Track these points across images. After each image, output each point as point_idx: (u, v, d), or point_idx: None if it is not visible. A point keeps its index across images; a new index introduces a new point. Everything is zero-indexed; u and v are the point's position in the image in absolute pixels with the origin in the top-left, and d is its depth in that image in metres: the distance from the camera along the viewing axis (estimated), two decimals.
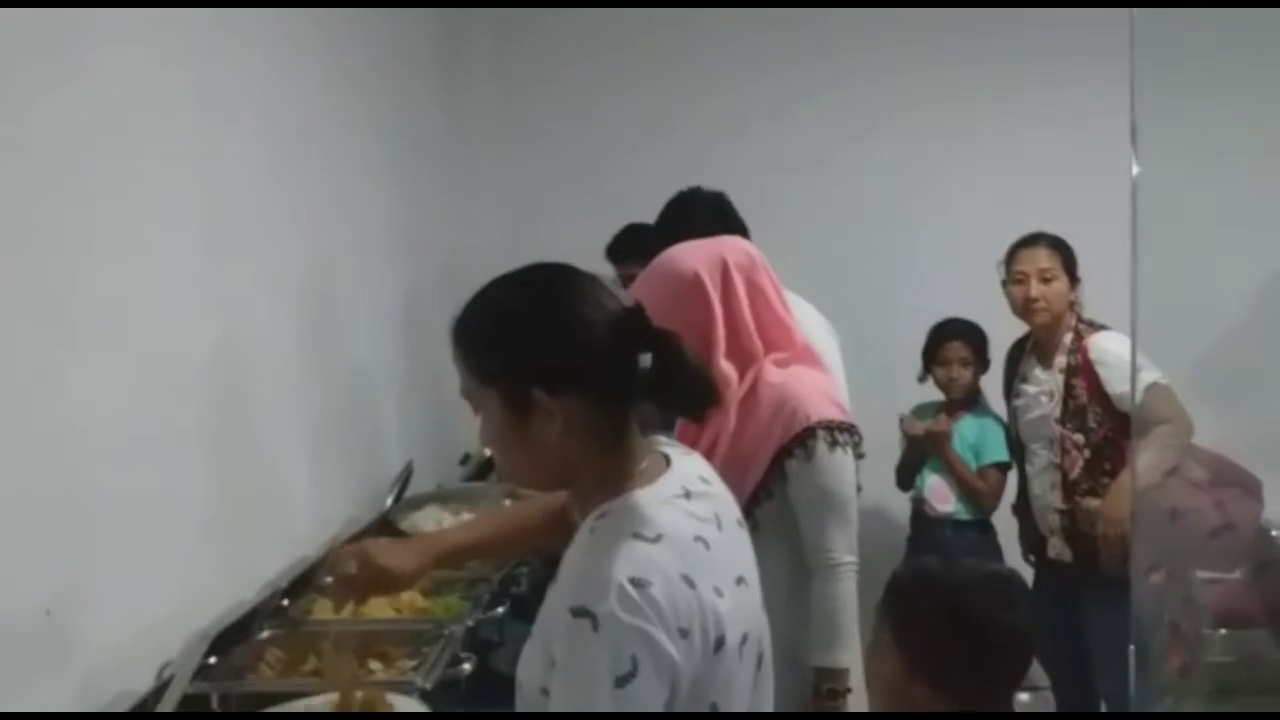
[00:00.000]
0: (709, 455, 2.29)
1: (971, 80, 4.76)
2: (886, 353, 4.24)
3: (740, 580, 1.57)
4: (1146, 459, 3.30)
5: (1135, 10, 2.96)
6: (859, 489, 2.52)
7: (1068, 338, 3.68)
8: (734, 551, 1.60)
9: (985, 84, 4.75)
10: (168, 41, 2.45)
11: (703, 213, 2.95)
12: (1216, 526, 3.29)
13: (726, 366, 2.44)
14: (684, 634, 1.42)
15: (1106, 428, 3.62)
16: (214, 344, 2.65)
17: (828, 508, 2.44)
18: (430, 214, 4.51)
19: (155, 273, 2.38)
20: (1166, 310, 3.38)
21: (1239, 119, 4.14)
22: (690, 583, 1.44)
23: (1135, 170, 3.17)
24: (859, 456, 2.50)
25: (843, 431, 2.46)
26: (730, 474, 2.26)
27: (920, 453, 4.17)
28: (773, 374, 2.48)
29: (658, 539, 1.46)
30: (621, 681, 1.36)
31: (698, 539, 1.50)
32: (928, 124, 4.80)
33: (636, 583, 1.40)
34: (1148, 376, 3.35)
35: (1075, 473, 3.66)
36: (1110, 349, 3.57)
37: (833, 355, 3.00)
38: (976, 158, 4.76)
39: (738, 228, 2.94)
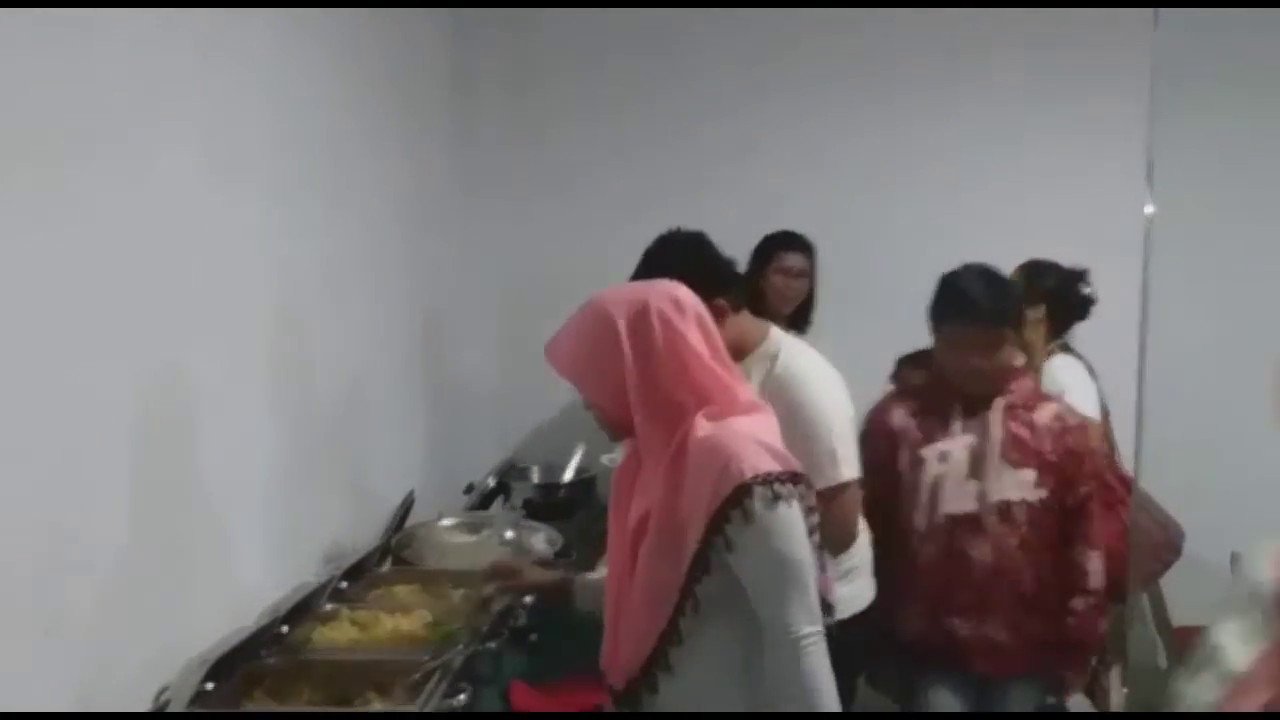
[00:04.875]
0: (639, 532, 2.16)
1: (984, 114, 4.78)
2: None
3: None
4: None
5: (1157, 39, 2.97)
6: (821, 553, 2.21)
7: (1039, 358, 3.88)
8: None
9: (999, 117, 4.77)
10: (172, 44, 2.44)
11: (680, 256, 2.79)
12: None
13: (648, 427, 2.17)
14: None
15: None
16: (219, 361, 2.64)
17: (779, 575, 2.09)
18: (439, 238, 4.52)
19: (160, 287, 2.37)
20: (1175, 350, 3.40)
21: (1259, 158, 4.16)
22: None
23: (1149, 209, 3.20)
24: (810, 509, 2.16)
25: (783, 483, 2.10)
26: (666, 548, 2.12)
27: None
28: (702, 428, 2.14)
29: None
30: None
31: None
32: (936, 155, 4.81)
33: None
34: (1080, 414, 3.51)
35: None
36: (1054, 372, 3.80)
37: (847, 419, 2.86)
38: (987, 191, 4.76)
39: (716, 268, 2.81)
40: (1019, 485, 3.09)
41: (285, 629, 2.62)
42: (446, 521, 3.63)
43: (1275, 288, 4.18)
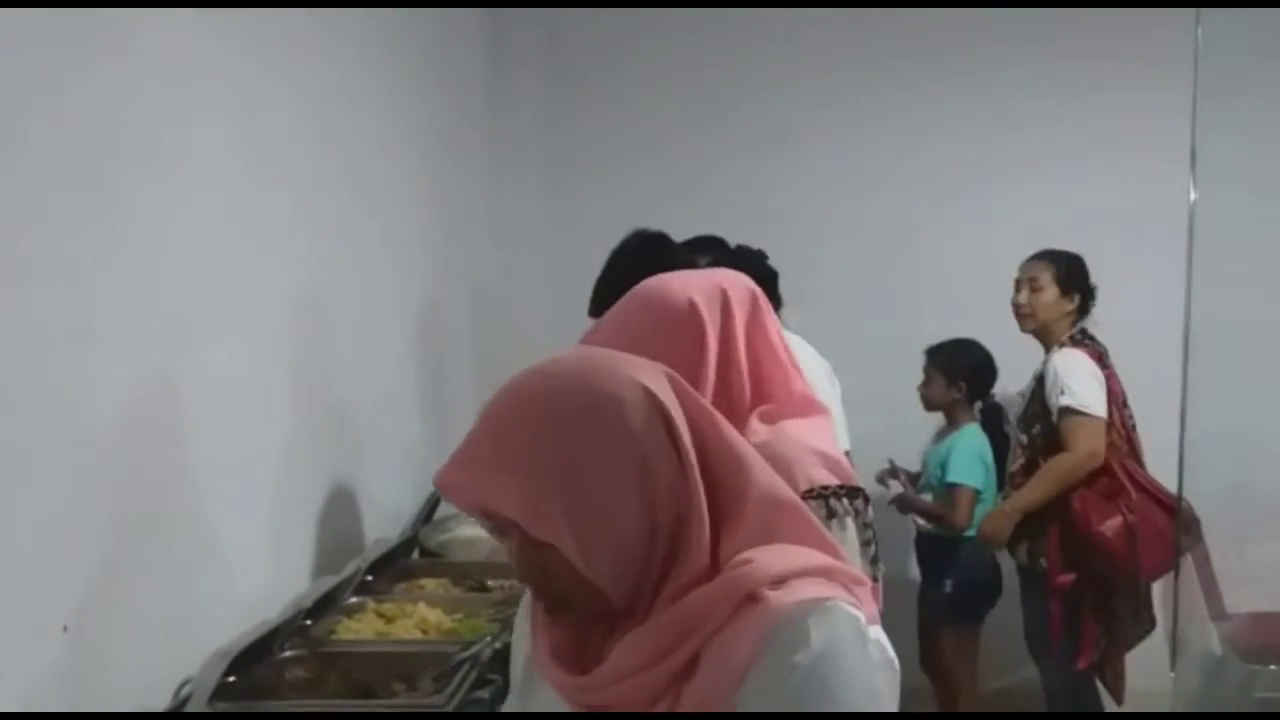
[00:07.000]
0: None
1: (1027, 101, 4.71)
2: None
3: None
4: (1028, 493, 3.80)
5: (1200, 31, 2.92)
6: (876, 565, 2.01)
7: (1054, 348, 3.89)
8: None
9: (1041, 108, 4.70)
10: (210, 40, 2.43)
11: (646, 258, 2.64)
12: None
13: None
14: None
15: (1050, 436, 3.82)
16: (250, 355, 2.62)
17: None
18: (471, 231, 4.49)
19: (183, 281, 2.34)
20: (1219, 337, 3.34)
21: None
22: None
23: (1193, 195, 3.16)
24: (865, 526, 1.99)
25: (839, 498, 1.95)
26: None
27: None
28: (758, 432, 1.95)
29: None
30: None
31: None
32: (979, 147, 4.76)
33: None
34: (1063, 400, 3.70)
35: (1014, 468, 3.96)
36: (1056, 365, 3.79)
37: (832, 402, 2.78)
38: (1029, 181, 4.71)
39: (681, 268, 2.52)
40: None
41: (309, 622, 2.60)
42: None
43: None
